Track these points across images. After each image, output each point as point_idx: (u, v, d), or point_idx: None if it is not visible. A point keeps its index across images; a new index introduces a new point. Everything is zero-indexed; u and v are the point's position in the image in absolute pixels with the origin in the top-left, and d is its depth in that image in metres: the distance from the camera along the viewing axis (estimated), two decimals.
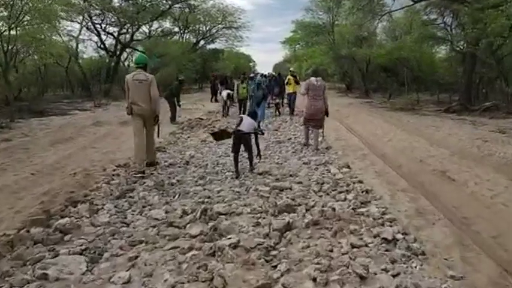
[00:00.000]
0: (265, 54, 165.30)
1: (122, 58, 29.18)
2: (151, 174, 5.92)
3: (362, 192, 4.65)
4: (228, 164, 6.46)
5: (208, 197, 4.71)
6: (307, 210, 4.15)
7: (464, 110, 14.88)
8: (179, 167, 6.46)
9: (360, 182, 5.14)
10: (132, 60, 28.63)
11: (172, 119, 12.59)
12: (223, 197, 4.72)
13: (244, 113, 9.16)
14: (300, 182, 5.31)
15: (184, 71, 32.73)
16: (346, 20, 26.76)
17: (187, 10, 35.42)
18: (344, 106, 18.57)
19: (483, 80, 18.23)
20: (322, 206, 4.22)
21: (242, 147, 6.02)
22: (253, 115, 6.59)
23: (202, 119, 13.28)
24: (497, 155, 7.21)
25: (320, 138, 8.06)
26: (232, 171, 5.99)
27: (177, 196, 4.80)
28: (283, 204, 4.24)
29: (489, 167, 6.31)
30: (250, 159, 6.19)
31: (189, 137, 9.70)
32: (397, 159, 7.01)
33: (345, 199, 4.42)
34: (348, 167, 6.03)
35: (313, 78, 7.90)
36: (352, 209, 4.11)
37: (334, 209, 4.06)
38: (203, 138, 9.36)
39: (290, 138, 9.33)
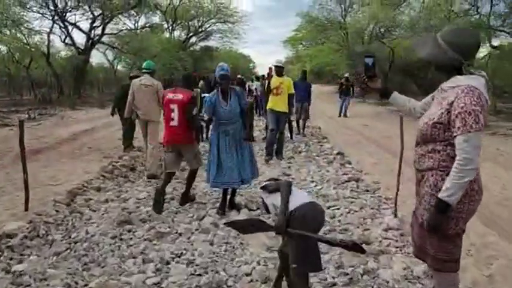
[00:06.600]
0: (266, 56, 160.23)
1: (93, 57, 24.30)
2: None
3: None
4: None
5: None
6: None
7: None
8: None
9: None
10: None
11: (125, 143, 7.62)
12: None
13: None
14: None
15: (171, 72, 27.92)
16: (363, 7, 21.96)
17: (175, 2, 30.61)
18: (371, 117, 13.72)
19: None
20: None
21: None
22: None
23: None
24: None
25: None
26: None
27: None
28: None
29: None
30: None
31: (100, 203, 4.80)
32: None
33: None
34: None
35: (479, 81, 1.89)
36: None
37: None
38: (129, 210, 4.47)
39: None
